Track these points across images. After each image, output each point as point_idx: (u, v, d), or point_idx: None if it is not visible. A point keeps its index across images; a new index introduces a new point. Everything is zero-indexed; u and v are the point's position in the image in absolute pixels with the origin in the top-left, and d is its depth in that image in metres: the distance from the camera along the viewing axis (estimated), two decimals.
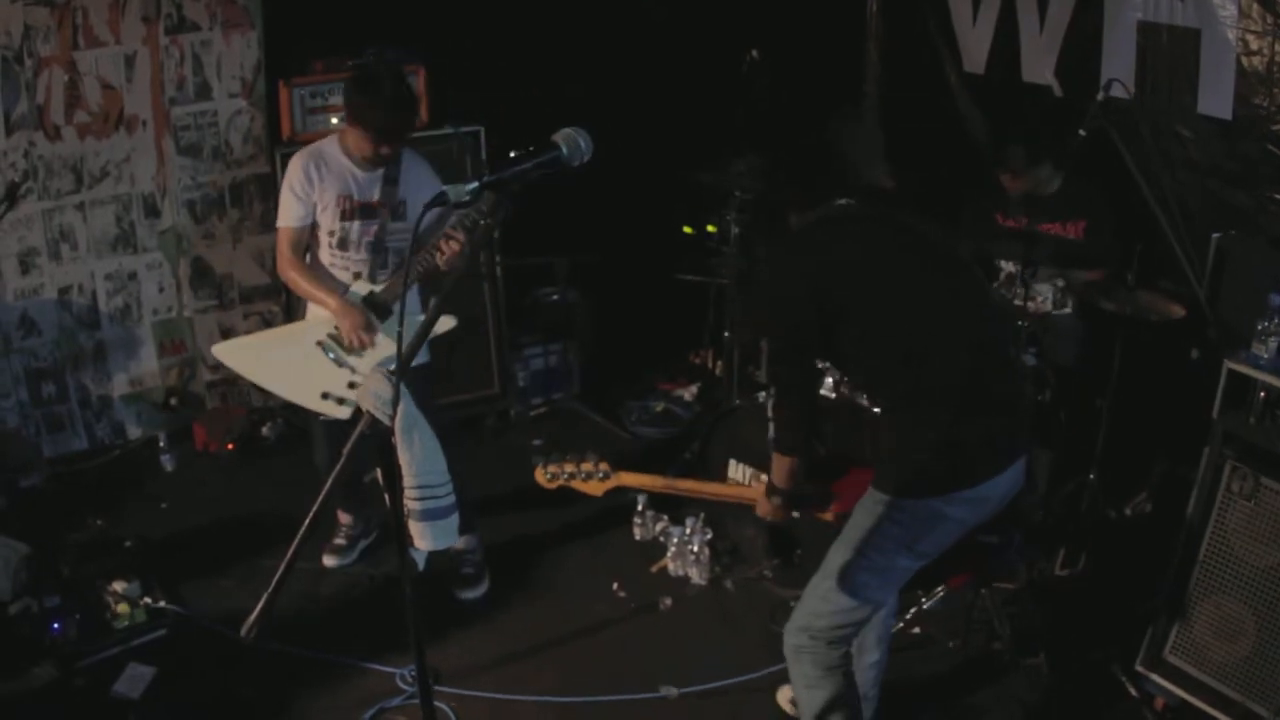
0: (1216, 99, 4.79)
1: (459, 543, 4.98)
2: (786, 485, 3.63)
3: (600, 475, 4.01)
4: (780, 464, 3.60)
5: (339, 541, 5.26)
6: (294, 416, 4.64)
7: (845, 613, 3.44)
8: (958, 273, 3.54)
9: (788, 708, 4.31)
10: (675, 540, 5.21)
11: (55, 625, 4.58)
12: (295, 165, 4.52)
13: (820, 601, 3.46)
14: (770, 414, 3.60)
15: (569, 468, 4.02)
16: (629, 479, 4.07)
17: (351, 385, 4.48)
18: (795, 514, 3.78)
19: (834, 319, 3.32)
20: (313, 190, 4.49)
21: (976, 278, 3.71)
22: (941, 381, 3.28)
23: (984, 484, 3.30)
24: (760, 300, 3.58)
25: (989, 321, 3.54)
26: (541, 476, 4.03)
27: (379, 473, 2.66)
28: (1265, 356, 3.83)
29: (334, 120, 5.79)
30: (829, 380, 4.73)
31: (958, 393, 3.28)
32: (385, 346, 4.55)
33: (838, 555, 3.43)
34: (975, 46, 6.05)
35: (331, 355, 4.56)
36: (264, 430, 6.40)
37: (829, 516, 3.93)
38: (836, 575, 3.40)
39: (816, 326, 3.33)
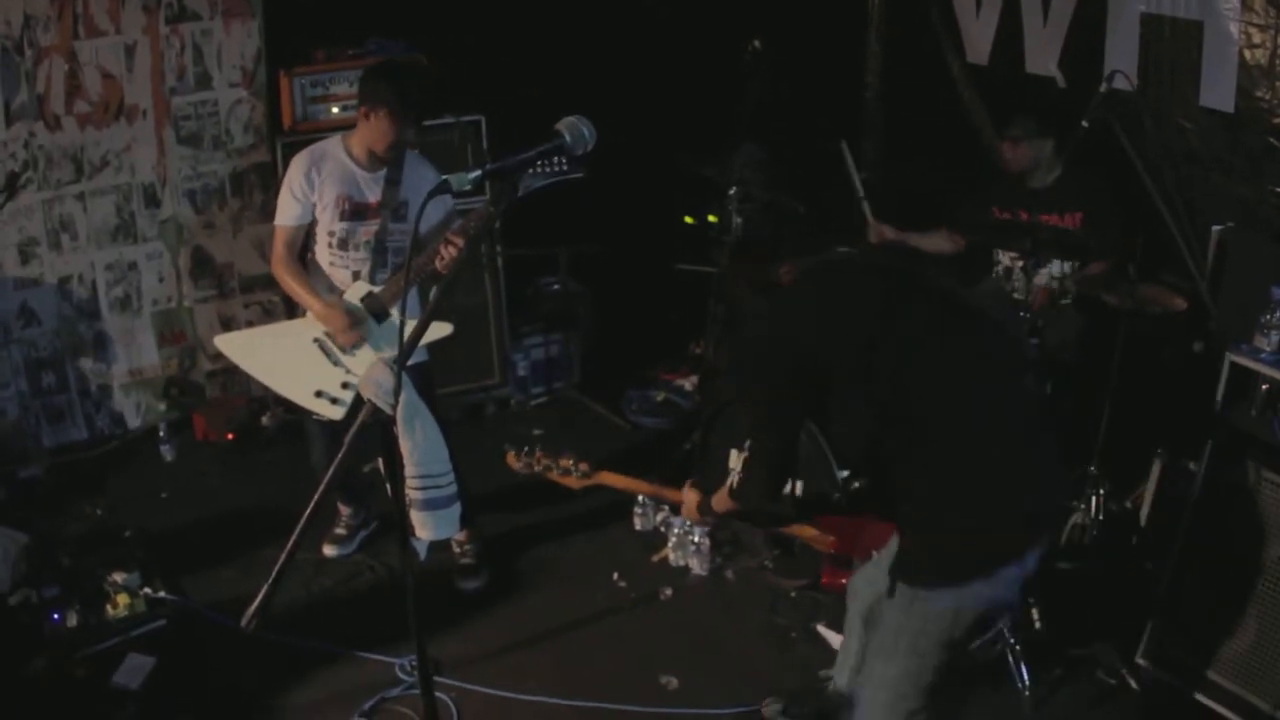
0: (1219, 92, 4.77)
1: (459, 533, 5.00)
2: (717, 514, 3.57)
3: (579, 473, 3.97)
4: (725, 502, 3.47)
5: (339, 531, 5.27)
6: (292, 408, 4.68)
7: (908, 716, 3.19)
8: (982, 327, 3.20)
9: None
10: (676, 530, 5.20)
11: (55, 616, 4.57)
12: (296, 166, 4.55)
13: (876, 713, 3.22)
14: (739, 464, 3.40)
15: (545, 460, 3.97)
16: (611, 479, 4.03)
17: (345, 385, 4.51)
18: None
19: (838, 375, 3.02)
20: (312, 191, 4.53)
21: (1001, 330, 3.39)
22: (969, 452, 2.95)
23: (1028, 554, 3.00)
24: (749, 353, 3.26)
25: (1018, 378, 3.22)
26: (513, 461, 3.99)
27: (380, 462, 2.66)
28: (1267, 349, 3.82)
29: (335, 110, 5.81)
30: None
31: (987, 464, 2.95)
32: (380, 348, 4.56)
33: (879, 668, 3.17)
34: (978, 37, 6.02)
35: (328, 354, 4.58)
36: (264, 420, 6.39)
37: (828, 547, 3.92)
38: (889, 687, 3.14)
39: (814, 385, 3.05)
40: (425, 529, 4.02)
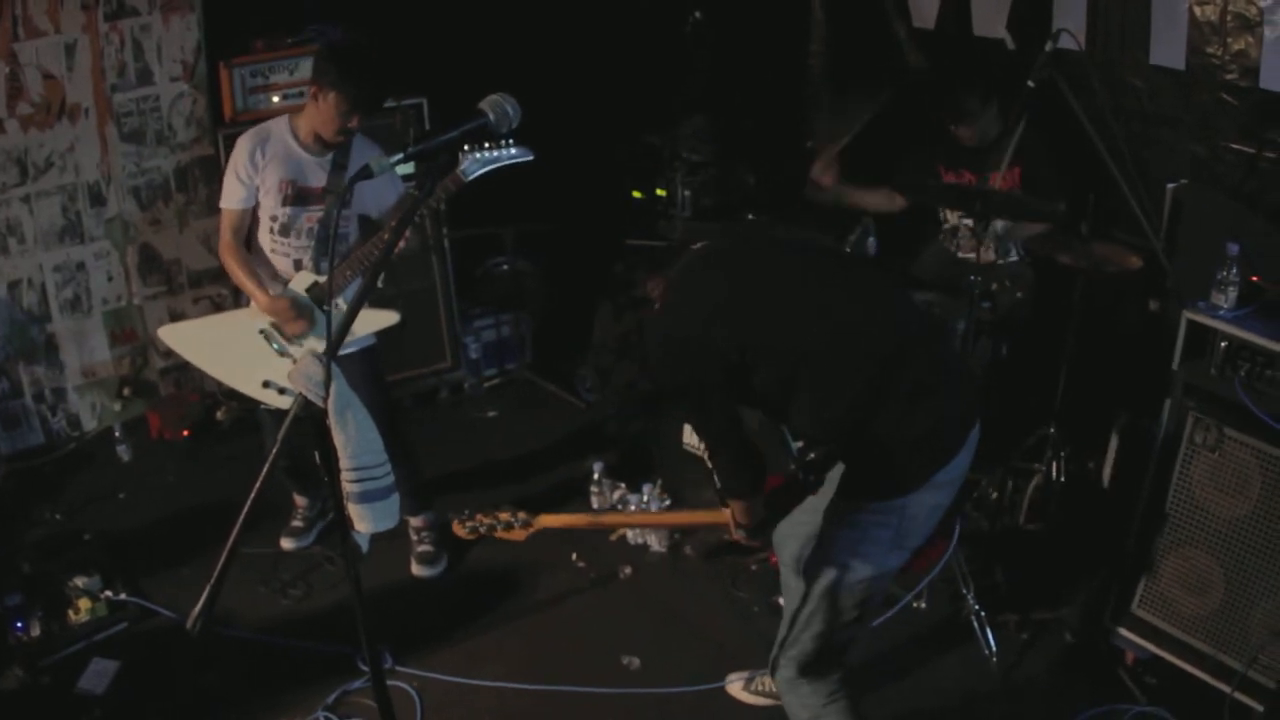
0: (1169, 49, 4.76)
1: (416, 520, 4.99)
2: (748, 522, 3.47)
3: (520, 523, 3.90)
4: (736, 507, 3.44)
5: (296, 524, 5.22)
6: (244, 401, 4.63)
7: (841, 629, 3.33)
8: (859, 272, 3.48)
9: (743, 697, 4.30)
10: (633, 507, 5.20)
11: (18, 624, 4.52)
12: (240, 146, 4.39)
13: (813, 624, 3.33)
14: (708, 463, 3.43)
15: (486, 521, 3.93)
16: (551, 520, 3.96)
17: None
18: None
19: (750, 359, 3.12)
20: (256, 174, 4.37)
21: (875, 270, 3.70)
22: (887, 384, 3.09)
23: (955, 459, 3.17)
24: (659, 355, 3.25)
25: (905, 306, 3.40)
26: (460, 530, 3.94)
27: (317, 455, 2.61)
28: (1224, 306, 3.80)
29: (275, 99, 5.74)
30: None
31: (907, 386, 3.10)
32: (325, 337, 4.47)
33: (822, 576, 3.27)
34: (924, 1, 5.97)
35: (274, 344, 4.49)
36: (219, 415, 6.34)
37: None
38: (826, 595, 3.27)
39: (729, 369, 3.12)
40: (363, 522, 3.96)
